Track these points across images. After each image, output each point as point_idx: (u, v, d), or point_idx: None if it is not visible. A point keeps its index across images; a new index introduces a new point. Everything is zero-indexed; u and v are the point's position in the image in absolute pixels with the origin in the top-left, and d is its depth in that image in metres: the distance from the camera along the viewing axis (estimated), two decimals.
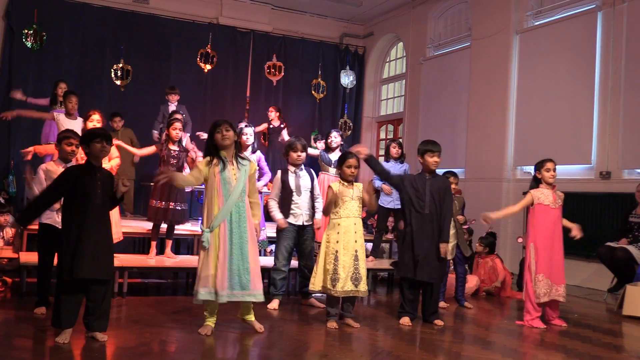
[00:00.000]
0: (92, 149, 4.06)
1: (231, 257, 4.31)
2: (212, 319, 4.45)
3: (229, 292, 4.30)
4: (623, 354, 4.58)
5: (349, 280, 4.83)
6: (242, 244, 4.36)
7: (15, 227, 6.54)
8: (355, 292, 4.89)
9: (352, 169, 4.96)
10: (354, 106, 12.78)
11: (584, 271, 7.74)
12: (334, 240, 4.89)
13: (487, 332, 5.08)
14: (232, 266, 4.31)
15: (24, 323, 4.46)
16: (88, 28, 10.56)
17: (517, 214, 8.72)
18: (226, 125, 4.40)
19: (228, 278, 4.28)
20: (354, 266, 4.86)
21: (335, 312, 4.93)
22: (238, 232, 4.35)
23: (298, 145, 5.59)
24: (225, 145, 4.41)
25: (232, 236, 4.33)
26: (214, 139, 4.41)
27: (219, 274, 4.27)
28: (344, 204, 4.93)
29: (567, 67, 8.33)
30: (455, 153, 10.00)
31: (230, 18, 11.75)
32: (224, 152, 4.42)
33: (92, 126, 5.73)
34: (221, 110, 11.14)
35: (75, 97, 7.29)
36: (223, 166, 4.37)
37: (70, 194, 4.02)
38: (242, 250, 4.35)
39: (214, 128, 4.43)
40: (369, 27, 13.00)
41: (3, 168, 9.78)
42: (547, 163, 5.38)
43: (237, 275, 4.31)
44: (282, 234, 5.56)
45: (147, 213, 6.40)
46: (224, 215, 4.33)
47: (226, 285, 4.28)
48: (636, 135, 7.42)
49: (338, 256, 4.84)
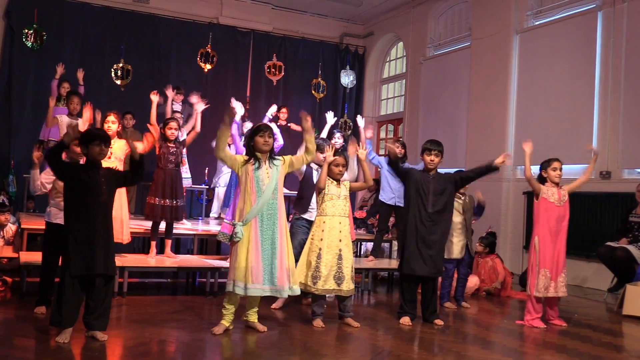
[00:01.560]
0: (90, 151, 4.06)
1: (263, 251, 4.40)
2: (231, 315, 4.48)
3: (261, 286, 4.38)
4: (623, 353, 4.59)
5: (331, 279, 4.83)
6: (274, 240, 4.44)
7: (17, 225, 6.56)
8: (338, 291, 4.88)
9: (340, 168, 4.96)
10: (354, 106, 12.79)
11: (584, 271, 7.74)
12: (318, 237, 4.90)
13: (487, 332, 5.08)
14: (263, 260, 4.39)
15: (24, 323, 4.46)
16: (88, 28, 10.57)
17: (518, 214, 8.79)
18: (269, 132, 4.56)
19: (262, 271, 4.38)
20: (337, 265, 4.86)
21: (321, 311, 4.92)
22: (270, 228, 4.44)
23: (326, 147, 5.41)
24: (264, 150, 4.52)
25: (264, 232, 4.42)
26: (255, 141, 4.52)
27: (252, 268, 4.35)
28: (330, 200, 4.93)
29: (567, 67, 8.33)
30: (455, 153, 9.99)
31: (230, 18, 11.75)
32: (260, 155, 4.53)
33: (107, 127, 5.58)
34: (221, 111, 11.11)
35: (78, 97, 7.29)
36: (258, 165, 4.48)
37: (73, 190, 4.02)
38: (273, 246, 4.43)
39: (256, 132, 4.54)
40: (369, 27, 13.00)
41: (3, 168, 9.77)
42: (554, 162, 5.37)
43: (268, 270, 4.40)
44: (296, 228, 5.57)
45: (145, 211, 6.38)
46: (257, 211, 4.41)
47: (261, 279, 4.37)
48: (636, 135, 7.42)
49: (321, 254, 4.85)
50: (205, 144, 8.66)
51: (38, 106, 9.68)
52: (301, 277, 4.87)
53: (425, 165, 5.28)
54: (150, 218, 6.33)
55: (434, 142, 5.29)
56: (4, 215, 6.54)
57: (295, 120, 10.29)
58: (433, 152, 5.22)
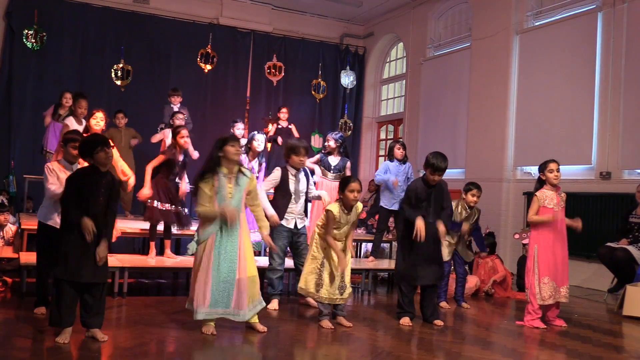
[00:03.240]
0: (96, 159, 4.04)
1: (218, 272, 4.30)
2: (212, 321, 4.44)
3: (208, 310, 4.29)
4: (623, 354, 4.58)
5: (334, 288, 4.85)
6: (233, 258, 4.35)
7: (17, 226, 6.55)
8: (341, 300, 4.91)
9: (355, 194, 4.80)
10: (354, 106, 12.79)
11: (584, 271, 7.73)
12: (322, 246, 4.88)
13: (487, 332, 5.08)
14: (219, 281, 4.30)
15: (24, 323, 4.46)
16: (88, 28, 10.57)
17: (518, 214, 8.79)
18: (238, 141, 4.48)
19: (210, 294, 4.28)
20: (339, 276, 4.88)
21: (328, 312, 4.93)
22: (230, 246, 4.34)
23: (302, 150, 5.46)
24: (234, 160, 4.42)
25: (221, 250, 4.32)
26: (225, 152, 4.39)
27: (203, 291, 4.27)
28: (338, 228, 4.87)
29: (567, 68, 8.33)
30: (455, 153, 10.00)
31: (230, 18, 11.75)
32: (226, 168, 4.41)
33: (95, 124, 5.70)
34: (221, 111, 11.16)
35: (85, 101, 7.16)
36: (220, 182, 4.37)
37: (70, 197, 4.01)
38: (231, 264, 4.34)
39: (224, 142, 4.40)
40: (369, 27, 13.00)
41: (3, 168, 9.76)
42: (550, 164, 5.36)
43: (222, 291, 4.31)
44: (276, 234, 5.47)
45: (145, 213, 6.32)
46: (214, 228, 4.34)
47: (208, 302, 4.27)
48: (636, 135, 7.42)
49: (324, 263, 4.86)
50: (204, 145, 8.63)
51: (38, 106, 9.68)
52: (304, 283, 4.88)
53: (427, 180, 5.16)
54: (149, 221, 6.27)
55: (441, 160, 5.05)
56: (4, 215, 6.54)
57: (296, 120, 10.33)
58: (437, 173, 5.06)
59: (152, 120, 9.54)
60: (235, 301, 4.36)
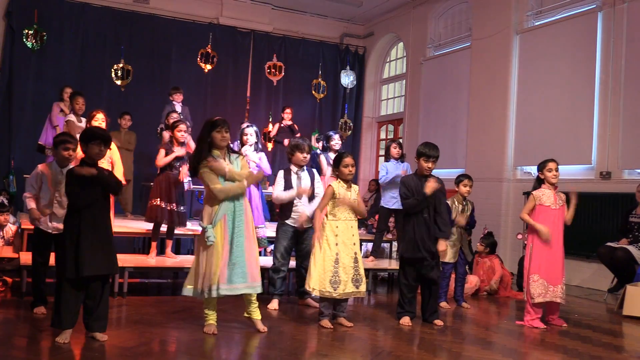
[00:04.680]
0: (89, 149, 4.04)
1: (231, 249, 4.33)
2: (214, 316, 4.47)
3: (229, 286, 4.30)
4: (623, 354, 4.58)
5: (350, 282, 4.83)
6: (243, 237, 4.37)
7: (17, 225, 6.56)
8: (357, 294, 4.91)
9: (350, 168, 4.92)
10: (354, 106, 12.79)
11: (584, 271, 7.74)
12: (332, 242, 4.83)
13: (487, 332, 5.08)
14: (232, 259, 4.32)
15: (24, 323, 4.47)
16: (88, 28, 10.58)
17: (518, 214, 8.76)
18: (226, 127, 4.39)
19: (228, 271, 4.30)
20: (354, 268, 4.86)
21: (329, 312, 4.93)
22: (238, 226, 4.37)
23: (305, 147, 5.52)
24: (222, 146, 4.40)
25: (235, 230, 4.35)
26: (212, 137, 4.37)
27: (221, 268, 4.29)
28: (342, 205, 4.91)
29: (567, 67, 8.33)
30: (455, 153, 10.00)
31: (230, 18, 11.76)
32: (217, 152, 4.40)
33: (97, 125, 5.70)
34: (221, 111, 11.13)
35: (82, 97, 7.24)
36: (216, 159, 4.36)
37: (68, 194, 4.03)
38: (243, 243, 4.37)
39: (212, 127, 4.36)
40: (369, 27, 13.00)
41: (3, 168, 9.77)
42: (549, 163, 5.36)
43: (238, 267, 4.32)
44: (281, 233, 5.54)
45: (147, 213, 6.34)
46: (225, 209, 4.35)
47: (225, 278, 4.29)
48: (636, 135, 7.42)
49: (339, 259, 4.81)
50: None
51: (38, 106, 9.70)
52: (317, 284, 4.80)
53: (420, 170, 5.19)
54: (152, 220, 6.27)
55: (432, 148, 5.14)
56: (4, 215, 6.53)
57: (296, 120, 10.33)
58: (431, 159, 5.11)
59: (152, 120, 9.55)
60: (251, 275, 4.38)
